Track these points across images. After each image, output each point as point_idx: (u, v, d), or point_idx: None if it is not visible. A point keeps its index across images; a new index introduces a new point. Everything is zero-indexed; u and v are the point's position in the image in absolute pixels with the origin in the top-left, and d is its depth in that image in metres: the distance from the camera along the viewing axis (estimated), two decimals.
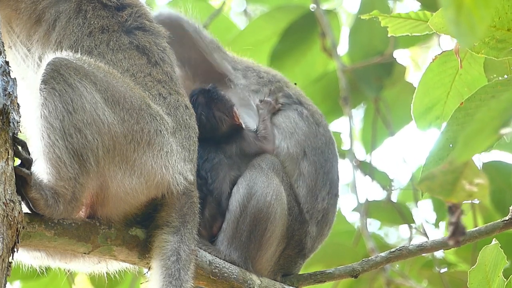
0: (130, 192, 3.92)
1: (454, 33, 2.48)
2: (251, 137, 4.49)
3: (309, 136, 4.57)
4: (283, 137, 4.52)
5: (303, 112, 4.64)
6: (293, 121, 4.60)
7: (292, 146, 4.51)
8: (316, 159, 4.53)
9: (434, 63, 4.19)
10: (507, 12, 3.62)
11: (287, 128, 4.56)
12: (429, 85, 4.21)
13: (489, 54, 3.70)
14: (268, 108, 4.60)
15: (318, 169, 4.52)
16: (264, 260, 4.35)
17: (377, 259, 4.44)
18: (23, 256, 4.08)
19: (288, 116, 4.62)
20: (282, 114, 4.63)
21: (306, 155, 4.52)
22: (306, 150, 4.53)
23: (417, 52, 9.11)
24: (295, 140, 4.53)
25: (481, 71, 4.09)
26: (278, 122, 4.58)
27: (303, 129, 4.58)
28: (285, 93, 4.72)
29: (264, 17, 7.41)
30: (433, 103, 4.23)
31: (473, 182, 2.83)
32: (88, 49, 4.15)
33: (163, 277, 3.88)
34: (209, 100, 4.53)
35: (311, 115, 4.65)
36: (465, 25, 2.46)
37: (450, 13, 2.46)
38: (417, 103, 4.24)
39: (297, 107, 4.66)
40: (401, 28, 4.28)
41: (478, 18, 2.47)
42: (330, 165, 4.58)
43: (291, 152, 4.50)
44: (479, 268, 4.04)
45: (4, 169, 3.56)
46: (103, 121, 3.86)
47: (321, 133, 4.62)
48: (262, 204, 4.31)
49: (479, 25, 2.47)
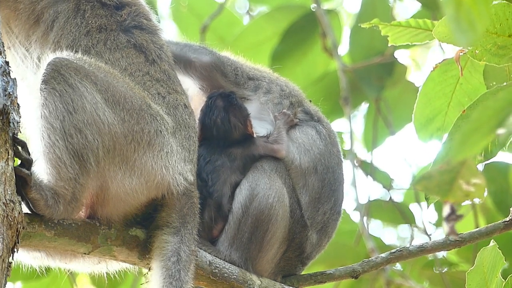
0: (130, 192, 3.92)
1: (453, 30, 2.48)
2: (261, 140, 4.47)
3: (324, 155, 4.55)
4: (298, 152, 4.50)
5: (322, 131, 4.63)
6: (311, 138, 4.58)
7: (305, 161, 4.49)
8: (326, 177, 4.52)
9: (434, 72, 4.19)
10: (507, 18, 3.63)
11: (303, 144, 4.54)
12: (430, 95, 4.21)
13: (491, 61, 3.71)
14: (286, 120, 4.58)
15: (326, 186, 4.51)
16: (264, 261, 4.35)
17: (377, 259, 4.44)
18: (23, 256, 4.08)
19: (306, 132, 4.60)
20: (299, 129, 4.61)
21: (317, 172, 4.50)
22: (318, 167, 4.51)
23: (417, 52, 9.11)
24: (310, 157, 4.51)
25: (481, 80, 4.10)
26: (295, 137, 4.56)
27: (320, 147, 4.56)
28: (304, 108, 4.71)
29: (265, 17, 7.41)
30: (434, 114, 4.23)
31: (470, 182, 2.83)
32: (85, 49, 4.14)
33: (164, 277, 3.87)
34: (227, 104, 4.52)
35: (328, 135, 4.64)
36: (464, 22, 2.46)
37: (450, 10, 2.46)
38: (418, 114, 4.24)
39: (315, 125, 4.65)
40: (401, 37, 4.29)
41: (477, 14, 2.47)
42: (338, 184, 4.58)
43: (303, 167, 4.48)
44: (477, 270, 4.04)
45: (4, 170, 3.56)
46: (104, 121, 3.85)
47: (334, 153, 4.61)
48: (264, 205, 4.30)
49: (478, 23, 2.48)
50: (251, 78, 4.75)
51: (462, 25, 2.46)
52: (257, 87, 4.73)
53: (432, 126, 4.23)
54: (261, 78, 4.77)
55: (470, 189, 2.82)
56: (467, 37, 2.49)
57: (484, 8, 2.47)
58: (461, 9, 2.46)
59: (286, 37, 7.22)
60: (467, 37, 2.48)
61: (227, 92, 4.59)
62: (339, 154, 4.66)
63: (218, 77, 4.68)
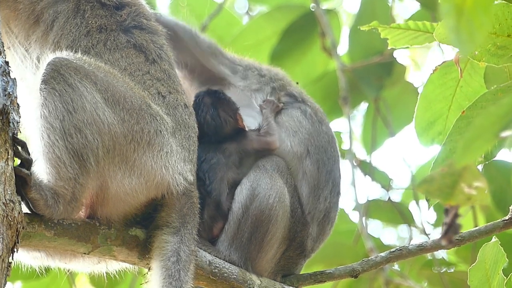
0: (130, 192, 3.92)
1: (454, 40, 2.47)
2: (253, 134, 4.48)
3: (312, 134, 4.56)
4: (286, 136, 4.52)
5: (307, 110, 4.64)
6: (297, 119, 4.59)
7: (296, 144, 4.50)
8: (319, 157, 4.52)
9: (434, 74, 4.18)
10: (507, 18, 3.63)
11: (290, 127, 4.55)
12: (431, 98, 4.20)
13: (490, 61, 3.71)
14: (271, 107, 4.59)
15: (321, 167, 4.51)
16: (264, 261, 4.35)
17: (377, 259, 4.44)
18: (23, 256, 4.08)
19: (292, 115, 4.61)
20: (285, 113, 4.62)
21: (310, 154, 4.51)
22: (310, 148, 4.52)
23: (417, 52, 9.11)
24: (299, 138, 4.52)
25: (481, 83, 4.09)
26: (282, 121, 4.57)
27: (306, 127, 4.57)
28: (287, 91, 4.71)
29: (264, 17, 7.41)
30: (435, 118, 4.23)
31: (472, 186, 2.82)
32: (85, 49, 4.14)
33: (163, 277, 3.87)
34: (215, 100, 4.53)
35: (314, 113, 4.65)
36: (465, 33, 2.46)
37: (451, 20, 2.46)
38: (419, 118, 4.24)
39: (300, 106, 4.66)
40: (401, 39, 4.28)
41: (478, 25, 2.47)
42: (333, 163, 4.58)
43: (295, 150, 4.49)
44: (479, 266, 4.04)
45: (4, 169, 3.56)
46: (103, 121, 3.85)
47: (324, 131, 4.61)
48: (264, 206, 4.30)
49: (479, 32, 2.47)
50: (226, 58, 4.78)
51: (462, 34, 2.46)
52: (234, 70, 4.75)
53: (433, 131, 4.23)
54: (237, 62, 4.79)
55: (472, 192, 2.82)
56: (468, 47, 2.48)
57: (485, 18, 2.47)
58: (461, 19, 2.45)
59: (285, 36, 7.22)
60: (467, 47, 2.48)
61: (214, 89, 4.60)
62: (329, 131, 4.66)
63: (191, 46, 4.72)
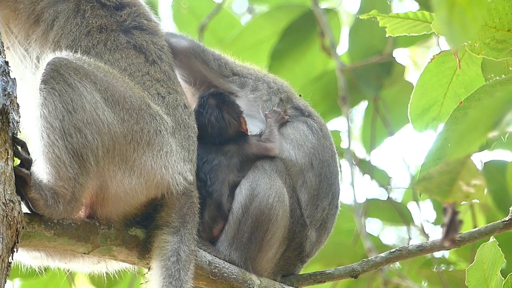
0: (130, 192, 3.92)
1: (446, 33, 2.47)
2: (254, 139, 4.48)
3: (317, 149, 4.56)
4: (291, 147, 4.51)
5: (313, 125, 4.63)
6: (303, 133, 4.59)
7: (300, 157, 4.50)
8: (322, 171, 4.53)
9: (432, 63, 4.18)
10: (507, 13, 3.63)
11: (296, 140, 4.55)
12: (427, 86, 4.20)
13: (489, 55, 3.71)
14: (277, 117, 4.59)
15: (323, 180, 4.52)
16: (264, 261, 4.35)
17: (377, 259, 4.44)
18: (23, 256, 4.07)
19: (297, 128, 4.61)
20: (290, 125, 4.61)
21: (313, 167, 4.51)
22: (314, 162, 4.52)
23: (416, 52, 9.11)
24: (303, 152, 4.52)
25: (478, 72, 4.09)
26: (287, 133, 4.57)
27: (312, 142, 4.57)
28: (294, 104, 4.70)
29: (264, 16, 7.41)
30: (430, 104, 4.23)
31: (470, 183, 2.82)
32: (85, 49, 4.14)
33: (163, 277, 3.87)
34: (220, 102, 4.52)
35: (320, 128, 4.65)
36: (457, 25, 2.45)
37: (443, 13, 2.45)
38: (414, 104, 4.24)
39: (306, 120, 4.65)
40: (399, 28, 4.28)
41: (471, 17, 2.46)
42: (334, 177, 4.59)
43: (299, 163, 4.49)
44: (477, 266, 4.04)
45: (4, 169, 3.56)
46: (103, 121, 3.85)
47: (327, 146, 4.62)
48: (264, 205, 4.30)
49: (472, 25, 2.47)
50: (236, 74, 4.74)
51: (454, 27, 2.45)
52: (243, 84, 4.72)
53: (427, 116, 4.23)
54: (247, 75, 4.76)
55: (470, 190, 2.82)
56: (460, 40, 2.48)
57: (478, 11, 2.46)
58: (454, 11, 2.44)
59: (284, 36, 7.23)
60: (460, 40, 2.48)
61: (219, 91, 4.59)
62: (332, 146, 4.67)
63: (199, 65, 4.65)
